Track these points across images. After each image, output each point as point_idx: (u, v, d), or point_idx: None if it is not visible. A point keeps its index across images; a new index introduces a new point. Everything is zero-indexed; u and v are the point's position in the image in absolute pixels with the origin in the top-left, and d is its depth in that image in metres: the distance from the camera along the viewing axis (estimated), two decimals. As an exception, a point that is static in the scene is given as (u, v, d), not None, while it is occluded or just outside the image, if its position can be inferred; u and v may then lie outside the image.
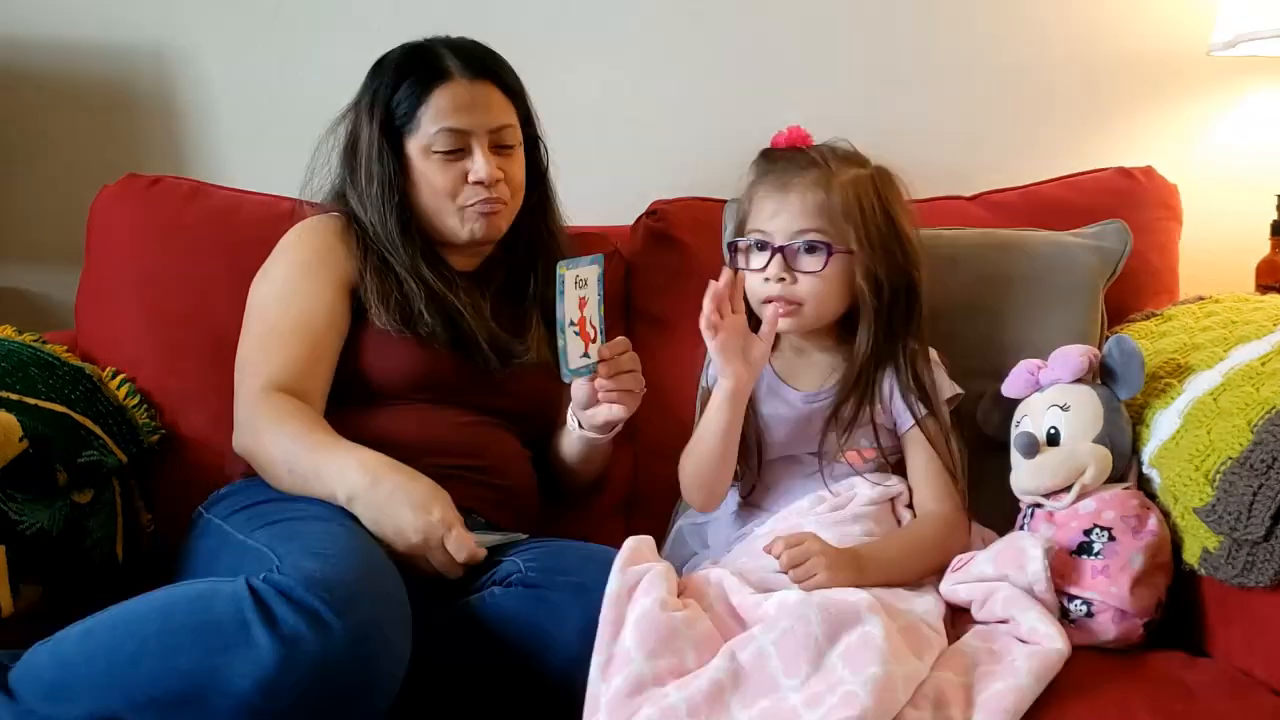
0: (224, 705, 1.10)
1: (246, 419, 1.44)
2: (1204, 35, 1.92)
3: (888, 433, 1.48)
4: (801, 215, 1.43)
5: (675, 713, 1.11)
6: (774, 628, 1.18)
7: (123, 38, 1.99)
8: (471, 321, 1.51)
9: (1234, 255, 1.98)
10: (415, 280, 1.49)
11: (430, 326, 1.48)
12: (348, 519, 1.32)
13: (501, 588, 1.30)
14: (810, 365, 1.51)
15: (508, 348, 1.53)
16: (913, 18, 2.02)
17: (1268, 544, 1.18)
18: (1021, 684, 1.17)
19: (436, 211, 1.53)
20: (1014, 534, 1.37)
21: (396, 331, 1.48)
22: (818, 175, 1.44)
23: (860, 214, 1.43)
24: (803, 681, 1.14)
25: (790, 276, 1.43)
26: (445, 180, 1.51)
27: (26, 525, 1.34)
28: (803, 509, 1.44)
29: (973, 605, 1.32)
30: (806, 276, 1.43)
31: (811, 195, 1.43)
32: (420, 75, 1.51)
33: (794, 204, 1.43)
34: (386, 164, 1.50)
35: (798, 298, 1.44)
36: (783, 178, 1.45)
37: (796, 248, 1.43)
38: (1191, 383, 1.41)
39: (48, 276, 2.01)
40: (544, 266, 1.61)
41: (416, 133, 1.51)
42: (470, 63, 1.52)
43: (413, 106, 1.50)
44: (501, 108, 1.54)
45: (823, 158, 1.45)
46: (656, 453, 1.69)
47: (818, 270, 1.42)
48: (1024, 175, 1.90)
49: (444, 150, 1.50)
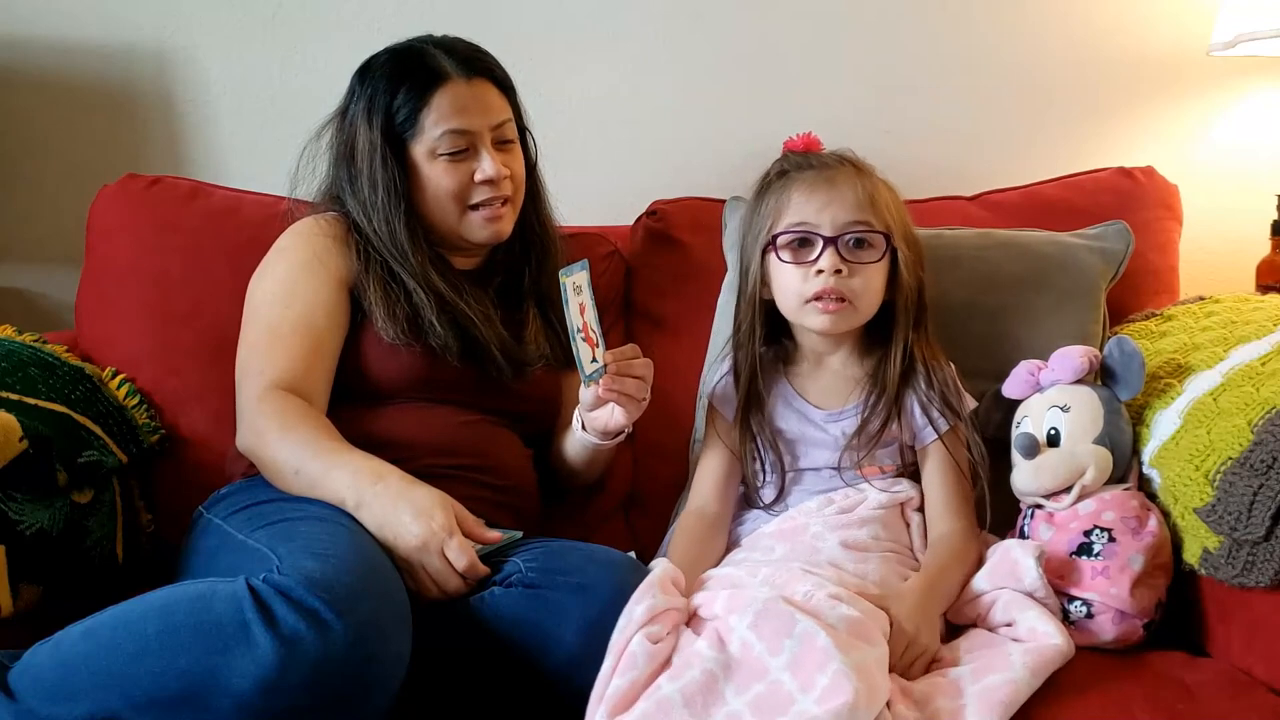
0: (224, 705, 1.10)
1: (250, 421, 1.44)
2: (1204, 35, 1.92)
3: (908, 448, 1.47)
4: (855, 207, 1.41)
5: (670, 703, 1.11)
6: (747, 612, 1.18)
7: (123, 38, 1.99)
8: (483, 330, 1.50)
9: (1234, 255, 1.99)
10: (425, 289, 1.49)
11: (443, 338, 1.48)
12: (348, 519, 1.32)
13: (501, 588, 1.30)
14: (830, 378, 1.49)
15: (519, 357, 1.53)
16: (913, 18, 2.02)
17: (1268, 544, 1.18)
18: (1016, 678, 1.17)
19: (444, 214, 1.53)
20: (1004, 545, 1.36)
21: (405, 345, 1.48)
22: (854, 171, 1.44)
23: (893, 211, 1.44)
24: (790, 660, 1.13)
25: (846, 269, 1.40)
26: (452, 182, 1.51)
27: (26, 525, 1.34)
28: (810, 510, 1.43)
29: (979, 617, 1.33)
30: (861, 269, 1.40)
31: (860, 188, 1.42)
32: (418, 78, 1.50)
33: (845, 196, 1.41)
34: (390, 170, 1.50)
35: (852, 292, 1.41)
36: (824, 172, 1.43)
37: (849, 240, 1.41)
38: (1191, 383, 1.41)
39: (48, 276, 2.01)
40: (536, 259, 1.62)
41: (420, 136, 1.50)
42: (464, 62, 1.52)
43: (413, 111, 1.50)
44: (499, 104, 1.54)
45: (847, 160, 1.46)
46: (656, 453, 1.69)
47: (874, 261, 1.41)
48: (1024, 175, 1.90)
49: (450, 152, 1.50)
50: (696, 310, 1.75)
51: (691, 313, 1.76)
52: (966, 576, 1.36)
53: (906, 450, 1.47)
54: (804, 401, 1.48)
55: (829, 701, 1.09)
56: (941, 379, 1.45)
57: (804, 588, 1.23)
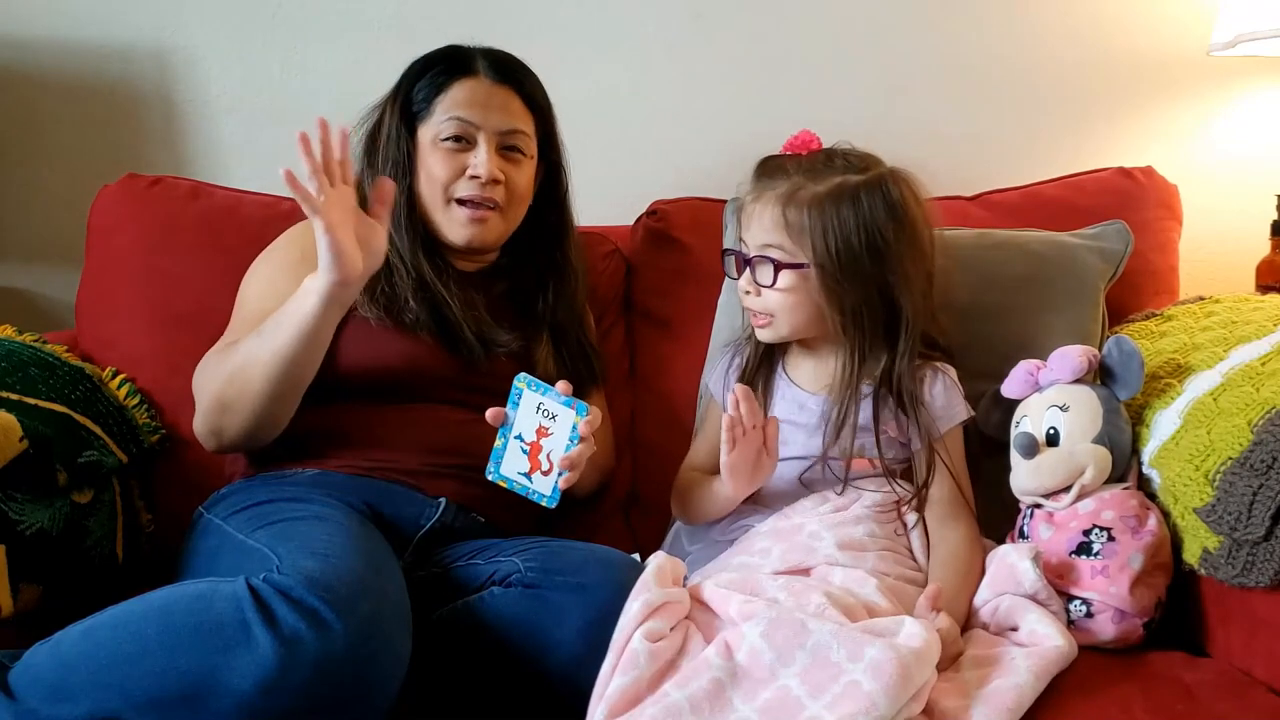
0: (224, 705, 1.10)
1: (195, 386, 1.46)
2: (1204, 35, 1.92)
3: (898, 445, 1.47)
4: (763, 230, 1.43)
5: (678, 709, 1.11)
6: (761, 620, 1.18)
7: (123, 38, 1.99)
8: (459, 312, 1.51)
9: (1234, 255, 1.99)
10: (407, 267, 1.49)
11: (415, 313, 1.48)
12: (348, 519, 1.32)
13: (501, 588, 1.30)
14: (817, 363, 1.51)
15: (491, 336, 1.52)
16: (913, 18, 2.02)
17: (1268, 544, 1.18)
18: (1021, 682, 1.17)
19: (431, 203, 1.53)
20: (1000, 551, 1.36)
21: (377, 320, 1.48)
22: (785, 189, 1.42)
23: (823, 229, 1.39)
24: (802, 670, 1.14)
25: (754, 290, 1.45)
26: (444, 170, 1.51)
27: (26, 525, 1.34)
28: (805, 508, 1.44)
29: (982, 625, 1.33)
30: (767, 290, 1.43)
31: (772, 210, 1.42)
32: (445, 67, 1.53)
33: (758, 218, 1.44)
34: (401, 148, 1.52)
35: (767, 309, 1.45)
36: (758, 189, 1.45)
37: (756, 261, 1.44)
38: (1191, 383, 1.41)
39: (48, 276, 2.01)
40: (555, 289, 1.61)
41: (429, 120, 1.52)
42: (498, 67, 1.54)
43: (430, 95, 1.52)
44: (518, 114, 1.54)
45: (807, 166, 1.43)
46: (656, 453, 1.70)
47: (767, 285, 1.43)
48: (1024, 175, 1.90)
49: (449, 138, 1.50)
50: (696, 310, 1.75)
51: (691, 313, 1.76)
52: (975, 587, 1.36)
53: (896, 445, 1.47)
54: (793, 384, 1.51)
55: (841, 708, 1.09)
56: (914, 393, 1.44)
57: (816, 599, 1.23)
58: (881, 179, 1.43)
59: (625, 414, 1.75)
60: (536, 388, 1.34)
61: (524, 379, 1.35)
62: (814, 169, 1.43)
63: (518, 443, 1.35)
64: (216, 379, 1.42)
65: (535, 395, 1.34)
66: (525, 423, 1.34)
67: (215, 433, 1.45)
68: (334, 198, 1.31)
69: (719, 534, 1.51)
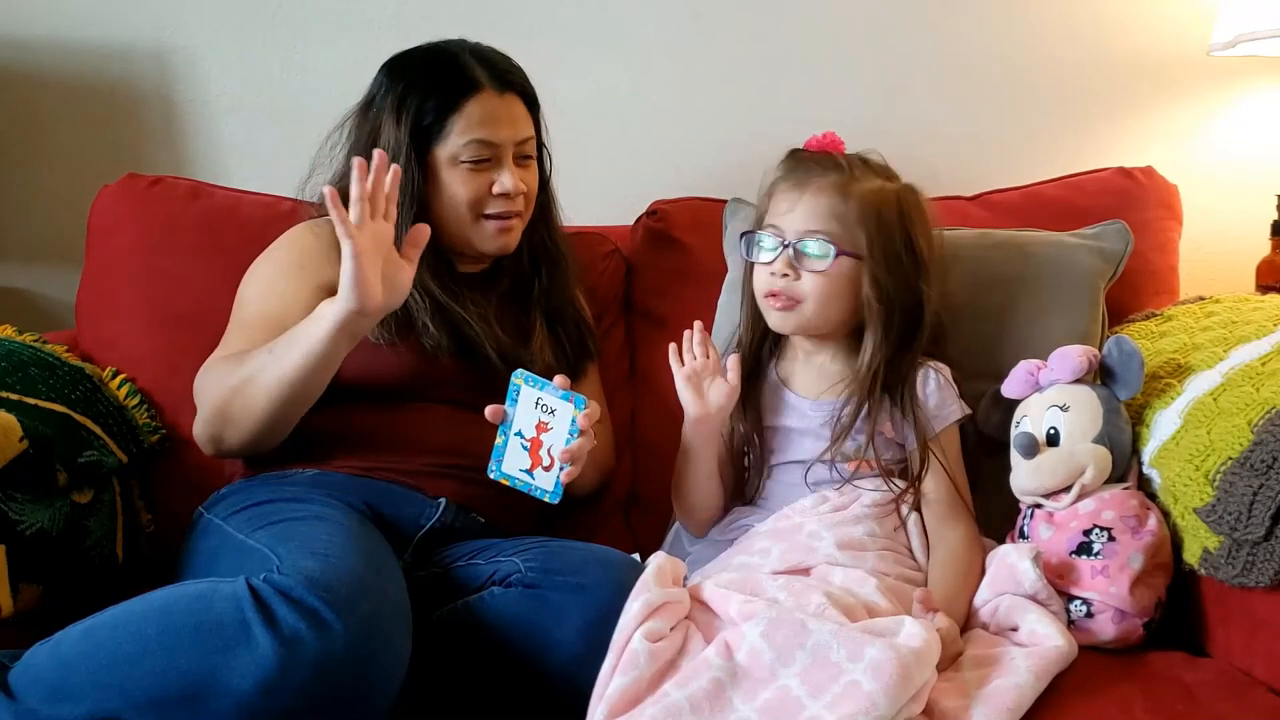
0: (224, 705, 1.10)
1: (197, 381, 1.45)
2: (1204, 35, 1.92)
3: (896, 446, 1.47)
4: (814, 215, 1.43)
5: (678, 709, 1.11)
6: (761, 620, 1.18)
7: (123, 38, 1.99)
8: (478, 329, 1.51)
9: (1234, 255, 1.99)
10: (420, 292, 1.48)
11: (436, 339, 1.48)
12: (348, 519, 1.32)
13: (501, 588, 1.30)
14: (818, 372, 1.51)
15: (515, 354, 1.52)
16: (913, 18, 2.02)
17: (1268, 544, 1.18)
18: (1021, 682, 1.17)
19: (457, 221, 1.52)
20: (1000, 552, 1.36)
21: (389, 344, 1.47)
22: (838, 179, 1.44)
23: (876, 223, 1.43)
24: (802, 670, 1.14)
25: (794, 273, 1.43)
26: (469, 191, 1.51)
27: (26, 525, 1.34)
28: (804, 508, 1.44)
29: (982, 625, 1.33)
30: (810, 275, 1.43)
31: (827, 197, 1.43)
32: (452, 84, 1.50)
33: (809, 203, 1.43)
34: (411, 170, 1.49)
35: (799, 295, 1.44)
36: (804, 176, 1.45)
37: (801, 246, 1.43)
38: (1191, 383, 1.41)
39: (48, 276, 2.01)
40: (547, 273, 1.62)
41: (445, 141, 1.50)
42: (498, 75, 1.53)
43: (442, 115, 1.49)
44: (526, 120, 1.55)
45: (849, 164, 1.46)
46: (656, 453, 1.69)
47: (822, 269, 1.42)
48: (1024, 175, 1.90)
49: (472, 160, 1.50)
50: (696, 310, 1.73)
51: (691, 313, 1.74)
52: (974, 587, 1.36)
53: (894, 446, 1.47)
54: (790, 392, 1.51)
55: (841, 708, 1.09)
56: (916, 393, 1.45)
57: (816, 599, 1.23)
58: (912, 189, 1.49)
59: (625, 414, 1.75)
60: (534, 383, 1.35)
61: (521, 375, 1.35)
62: (850, 167, 1.46)
63: (518, 439, 1.35)
64: (221, 389, 1.42)
65: (533, 390, 1.34)
66: (524, 419, 1.35)
67: (215, 440, 1.45)
68: (370, 228, 1.30)
69: (719, 534, 1.51)
